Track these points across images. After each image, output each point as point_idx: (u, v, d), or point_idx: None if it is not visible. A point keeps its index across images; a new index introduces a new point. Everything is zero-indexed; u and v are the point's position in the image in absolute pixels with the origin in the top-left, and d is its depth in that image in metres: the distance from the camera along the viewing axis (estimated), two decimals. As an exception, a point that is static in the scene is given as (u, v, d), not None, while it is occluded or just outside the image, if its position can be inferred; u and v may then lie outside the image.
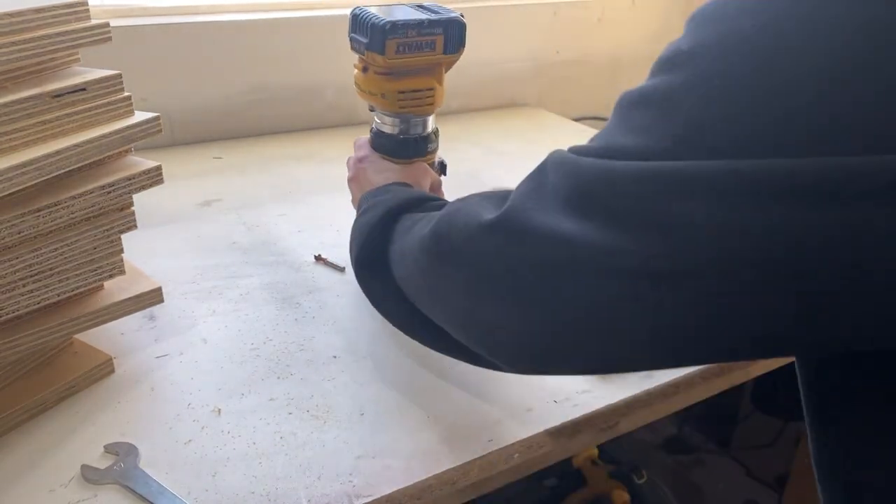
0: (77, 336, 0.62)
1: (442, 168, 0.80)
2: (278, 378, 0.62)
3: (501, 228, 0.38)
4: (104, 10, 1.14)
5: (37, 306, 0.55)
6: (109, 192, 0.57)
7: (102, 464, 0.52)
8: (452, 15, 0.69)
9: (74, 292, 0.58)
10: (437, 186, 0.75)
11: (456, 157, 1.19)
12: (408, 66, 0.70)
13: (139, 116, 0.59)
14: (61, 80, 0.55)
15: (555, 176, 0.37)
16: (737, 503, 1.39)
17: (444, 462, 0.53)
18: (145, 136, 0.59)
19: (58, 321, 0.57)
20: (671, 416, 1.48)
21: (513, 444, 0.55)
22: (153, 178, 0.60)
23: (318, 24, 1.24)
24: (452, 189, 1.04)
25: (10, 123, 0.51)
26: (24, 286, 0.54)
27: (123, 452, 0.53)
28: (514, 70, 1.46)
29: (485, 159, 1.17)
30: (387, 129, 0.75)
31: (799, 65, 0.29)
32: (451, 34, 0.69)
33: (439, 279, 0.44)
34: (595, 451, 1.14)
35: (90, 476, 0.51)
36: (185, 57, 1.16)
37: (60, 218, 0.54)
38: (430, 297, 0.47)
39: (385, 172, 0.71)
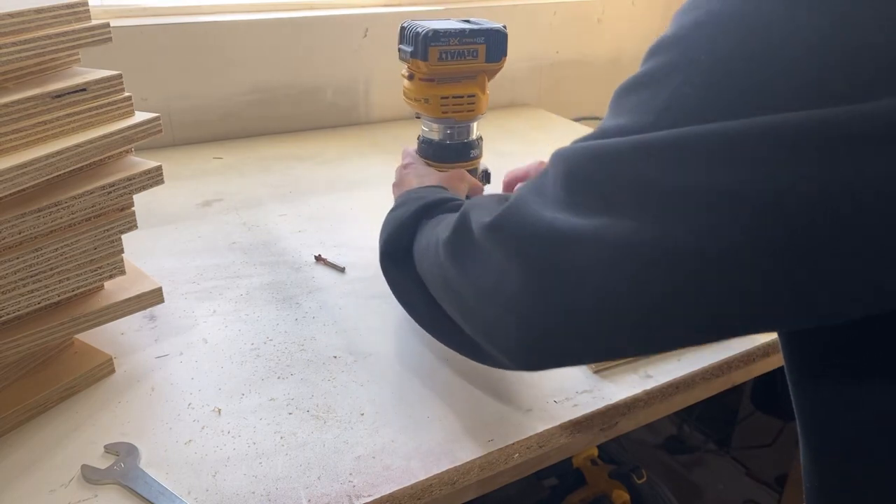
0: (77, 336, 0.62)
1: (485, 176, 0.83)
2: (278, 378, 0.62)
3: (499, 226, 0.39)
4: (104, 10, 1.14)
5: (37, 306, 0.55)
6: (110, 193, 0.57)
7: (103, 464, 0.52)
8: (495, 26, 0.74)
9: (75, 292, 0.58)
10: (476, 193, 0.77)
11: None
12: (450, 73, 0.74)
13: (139, 116, 0.59)
14: (62, 80, 0.55)
15: (552, 168, 0.38)
16: (737, 503, 1.39)
17: (443, 462, 0.53)
18: (145, 136, 0.59)
19: (58, 321, 0.57)
20: (671, 416, 1.49)
21: (513, 444, 0.55)
22: (153, 178, 0.60)
23: (318, 24, 1.25)
24: (452, 189, 1.04)
25: (11, 123, 0.51)
26: (24, 286, 0.54)
27: (124, 452, 0.53)
28: (514, 70, 1.46)
29: (485, 159, 1.17)
30: (431, 135, 0.79)
31: (782, 26, 0.29)
32: (493, 43, 0.73)
33: (453, 273, 0.45)
34: (595, 451, 1.14)
35: (90, 476, 0.51)
36: (185, 57, 1.16)
37: (61, 218, 0.54)
38: (445, 290, 0.48)
39: (424, 177, 0.73)
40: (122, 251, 0.60)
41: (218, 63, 1.19)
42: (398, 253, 0.58)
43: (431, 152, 0.79)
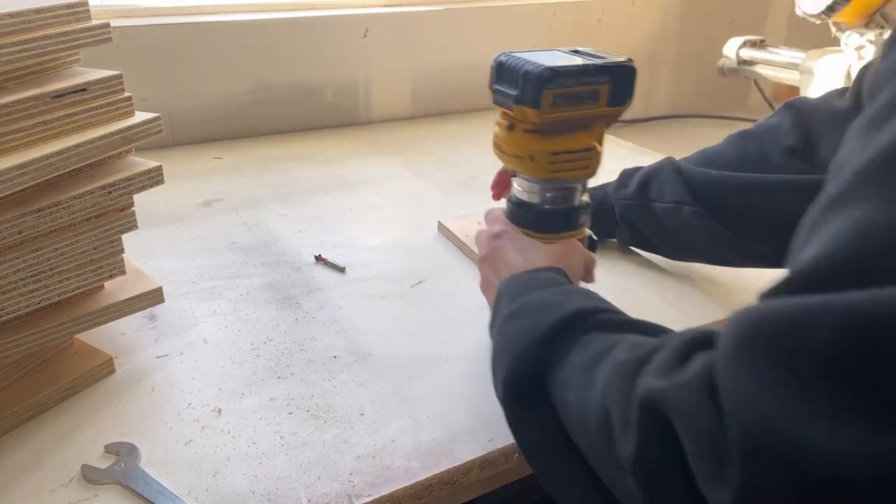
0: (77, 336, 0.62)
1: (591, 245, 0.67)
2: (278, 378, 0.62)
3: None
4: (104, 10, 1.14)
5: (37, 306, 0.56)
6: (110, 193, 0.57)
7: (103, 464, 0.52)
8: (620, 60, 0.58)
9: (75, 292, 0.58)
10: (590, 267, 0.64)
11: (456, 158, 1.19)
12: (564, 122, 0.58)
13: (139, 117, 0.59)
14: (62, 80, 0.55)
15: (792, 355, 0.25)
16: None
17: (444, 462, 0.53)
18: (146, 136, 0.59)
19: (58, 321, 0.57)
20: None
21: (513, 444, 0.55)
22: (153, 178, 0.60)
23: (318, 24, 1.25)
24: (453, 189, 1.04)
25: (11, 124, 0.51)
26: (24, 286, 0.54)
27: (124, 452, 0.53)
28: (514, 70, 1.46)
29: (485, 159, 1.17)
30: (530, 199, 0.63)
31: None
32: (619, 83, 0.58)
33: (642, 498, 0.33)
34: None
35: (90, 476, 0.51)
36: (185, 57, 1.16)
37: (61, 218, 0.54)
38: (616, 491, 0.36)
39: (529, 252, 0.59)
40: (122, 251, 0.60)
41: (218, 63, 1.19)
42: (525, 394, 0.44)
43: (533, 219, 0.63)
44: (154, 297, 0.63)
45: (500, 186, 0.71)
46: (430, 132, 1.30)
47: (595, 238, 0.67)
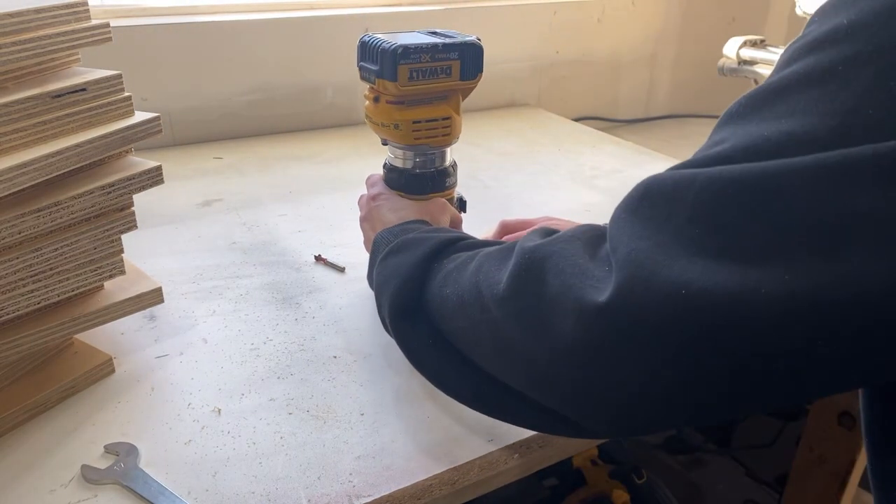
0: (77, 336, 0.62)
1: (461, 205, 0.76)
2: (278, 378, 0.62)
3: (622, 310, 0.31)
4: (104, 10, 1.14)
5: (37, 306, 0.55)
6: (109, 193, 0.57)
7: (102, 464, 0.52)
8: (468, 38, 0.66)
9: (75, 292, 0.58)
10: (457, 223, 0.71)
11: (456, 158, 1.19)
12: (422, 94, 0.66)
13: (139, 116, 0.59)
14: (61, 80, 0.55)
15: (667, 207, 0.31)
16: (737, 503, 1.39)
17: (444, 462, 0.53)
18: (145, 136, 0.59)
19: (58, 321, 0.57)
20: (671, 416, 1.48)
21: (512, 445, 0.55)
22: (153, 178, 0.60)
23: (318, 24, 1.25)
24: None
25: (11, 123, 0.51)
26: (24, 286, 0.54)
27: (124, 452, 0.53)
28: (514, 70, 1.46)
29: (485, 159, 1.17)
30: (401, 164, 0.71)
31: None
32: (468, 59, 0.66)
33: (517, 334, 0.38)
34: (595, 451, 1.14)
35: (90, 476, 0.51)
36: (185, 57, 1.16)
37: (61, 218, 0.54)
38: (500, 352, 0.41)
39: (401, 211, 0.67)
40: (122, 251, 0.60)
41: (218, 63, 1.19)
42: (410, 309, 0.49)
43: (403, 182, 0.71)
44: (154, 297, 0.63)
45: (502, 235, 0.75)
46: (430, 132, 1.30)
47: (464, 199, 0.75)
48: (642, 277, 0.30)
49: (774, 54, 1.27)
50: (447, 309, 0.46)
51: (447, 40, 0.65)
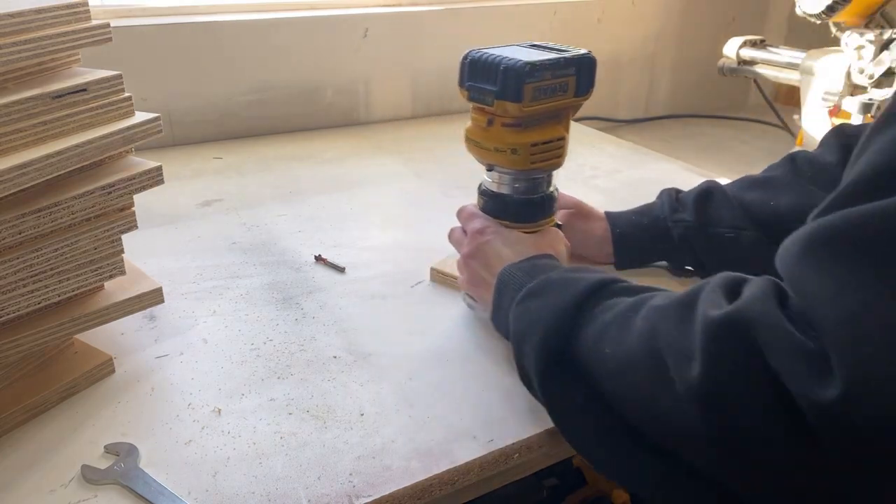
0: (77, 336, 0.62)
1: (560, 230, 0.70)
2: (278, 378, 0.62)
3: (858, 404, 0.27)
4: (104, 10, 1.14)
5: (37, 306, 0.55)
6: (110, 193, 0.57)
7: (103, 464, 0.52)
8: (582, 52, 0.62)
9: (75, 292, 0.58)
10: (569, 252, 0.67)
11: (456, 158, 1.19)
12: (539, 114, 0.60)
13: (139, 117, 0.59)
14: (62, 80, 0.55)
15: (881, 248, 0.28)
16: (736, 503, 1.39)
17: (443, 462, 0.53)
18: (146, 136, 0.59)
19: (58, 321, 0.57)
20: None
21: (513, 444, 0.55)
22: (153, 178, 0.60)
23: (318, 24, 1.25)
24: (453, 189, 1.04)
25: (11, 124, 0.51)
26: (24, 286, 0.54)
27: (124, 452, 0.53)
28: (514, 70, 1.46)
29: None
30: (507, 191, 0.65)
31: None
32: (584, 74, 0.61)
33: (718, 428, 0.33)
34: (595, 451, 1.14)
35: (90, 476, 0.51)
36: (185, 57, 1.16)
37: (61, 218, 0.54)
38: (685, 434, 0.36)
39: (517, 245, 0.61)
40: (122, 251, 0.60)
41: (218, 63, 1.19)
42: (562, 361, 0.45)
43: (513, 212, 0.65)
44: (154, 297, 0.63)
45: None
46: (430, 132, 1.30)
47: (560, 224, 0.70)
48: (872, 352, 0.26)
49: (774, 54, 1.27)
50: (607, 371, 0.41)
51: (564, 54, 0.61)
